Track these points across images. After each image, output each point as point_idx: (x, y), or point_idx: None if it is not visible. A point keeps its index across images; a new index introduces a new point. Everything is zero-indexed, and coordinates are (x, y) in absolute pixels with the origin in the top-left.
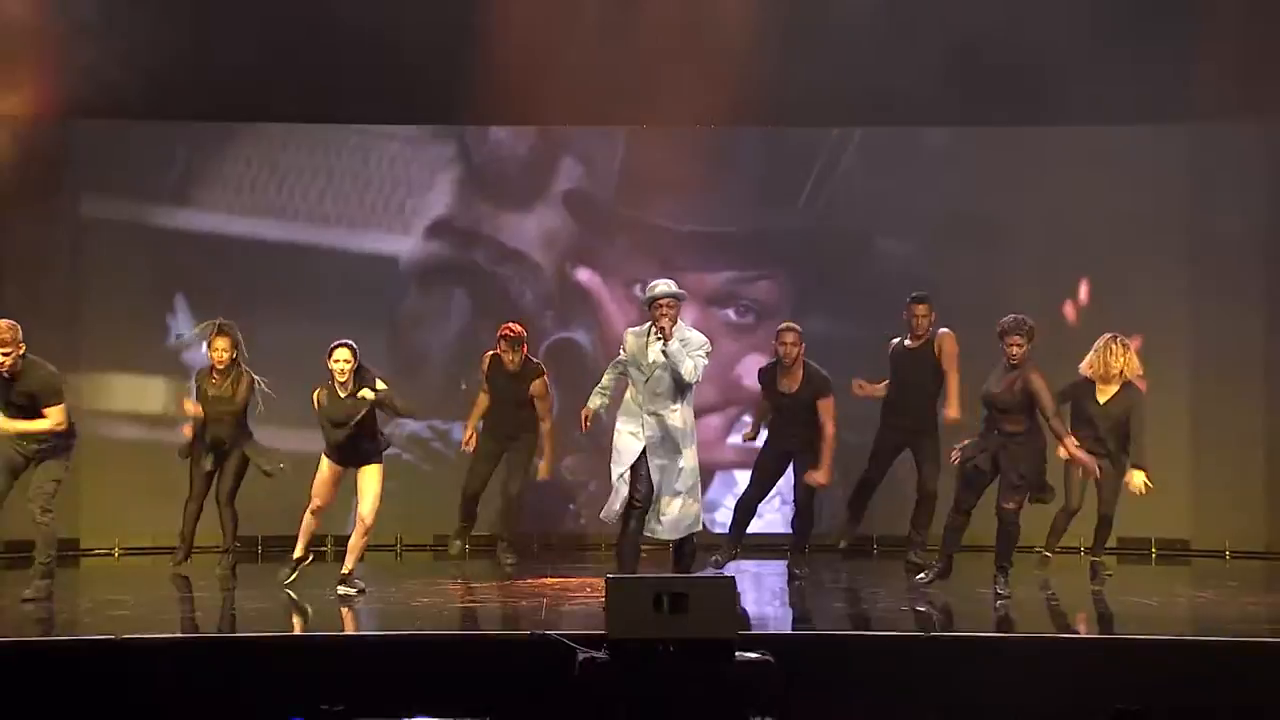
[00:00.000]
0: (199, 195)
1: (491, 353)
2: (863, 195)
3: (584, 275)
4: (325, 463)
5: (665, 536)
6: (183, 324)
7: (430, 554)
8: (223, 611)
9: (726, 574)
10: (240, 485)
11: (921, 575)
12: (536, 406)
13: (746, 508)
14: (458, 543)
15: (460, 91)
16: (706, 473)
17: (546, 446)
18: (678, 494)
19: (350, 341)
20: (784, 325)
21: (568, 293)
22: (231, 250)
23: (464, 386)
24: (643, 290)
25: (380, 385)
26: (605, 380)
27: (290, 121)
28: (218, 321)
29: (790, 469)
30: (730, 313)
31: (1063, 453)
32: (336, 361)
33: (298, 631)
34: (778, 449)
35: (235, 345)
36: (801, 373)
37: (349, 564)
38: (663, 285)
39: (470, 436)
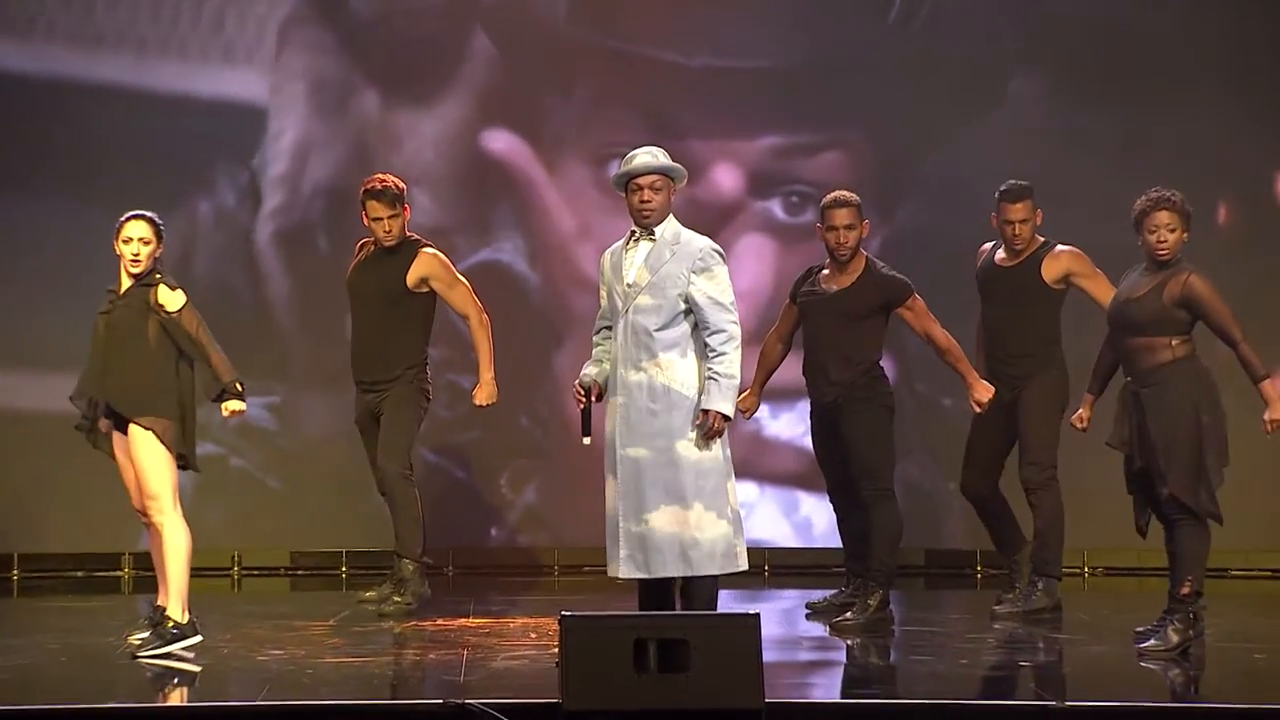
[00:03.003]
0: None
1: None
2: (982, 8)
3: (500, 144)
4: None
5: (648, 574)
6: None
7: (286, 580)
8: None
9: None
10: None
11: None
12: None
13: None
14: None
15: None
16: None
17: (483, 354)
18: (675, 504)
19: (151, 214)
20: (833, 197)
21: (489, 182)
22: None
23: None
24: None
25: (177, 296)
26: (596, 344)
27: None
28: None
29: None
30: (775, 205)
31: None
32: (129, 242)
33: (75, 704)
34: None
35: None
36: (862, 271)
37: (165, 592)
38: (643, 155)
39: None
